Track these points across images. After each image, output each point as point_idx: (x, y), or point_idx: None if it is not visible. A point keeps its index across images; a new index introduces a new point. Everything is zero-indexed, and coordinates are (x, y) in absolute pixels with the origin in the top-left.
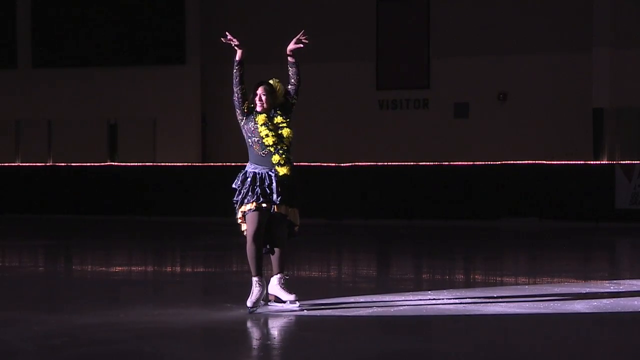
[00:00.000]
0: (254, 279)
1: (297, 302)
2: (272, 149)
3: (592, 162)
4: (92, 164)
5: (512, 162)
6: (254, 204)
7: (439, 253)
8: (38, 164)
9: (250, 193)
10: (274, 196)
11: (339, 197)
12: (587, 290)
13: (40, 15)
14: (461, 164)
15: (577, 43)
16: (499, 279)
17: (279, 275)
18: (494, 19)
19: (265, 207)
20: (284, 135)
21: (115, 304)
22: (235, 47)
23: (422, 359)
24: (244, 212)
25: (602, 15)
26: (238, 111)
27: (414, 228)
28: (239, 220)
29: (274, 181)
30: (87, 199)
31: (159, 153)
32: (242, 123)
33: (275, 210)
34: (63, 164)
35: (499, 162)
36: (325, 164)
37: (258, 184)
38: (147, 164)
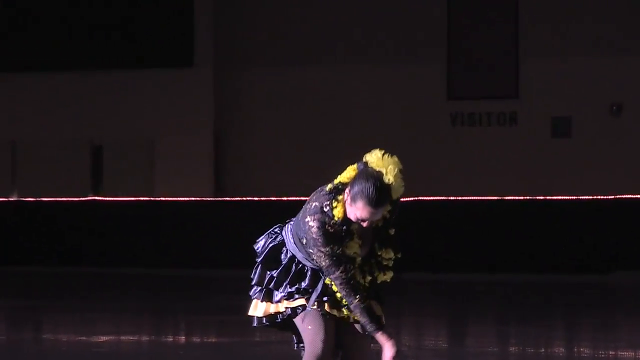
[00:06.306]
0: None
1: None
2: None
3: None
4: (71, 199)
5: (629, 196)
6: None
7: (531, 319)
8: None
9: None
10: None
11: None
12: None
13: None
14: (561, 199)
15: None
16: (612, 353)
17: None
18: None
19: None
20: None
21: None
22: None
23: None
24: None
25: None
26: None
27: (499, 284)
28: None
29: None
30: (64, 245)
31: (157, 184)
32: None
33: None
34: (31, 199)
35: (612, 197)
36: None
37: None
38: (141, 198)
